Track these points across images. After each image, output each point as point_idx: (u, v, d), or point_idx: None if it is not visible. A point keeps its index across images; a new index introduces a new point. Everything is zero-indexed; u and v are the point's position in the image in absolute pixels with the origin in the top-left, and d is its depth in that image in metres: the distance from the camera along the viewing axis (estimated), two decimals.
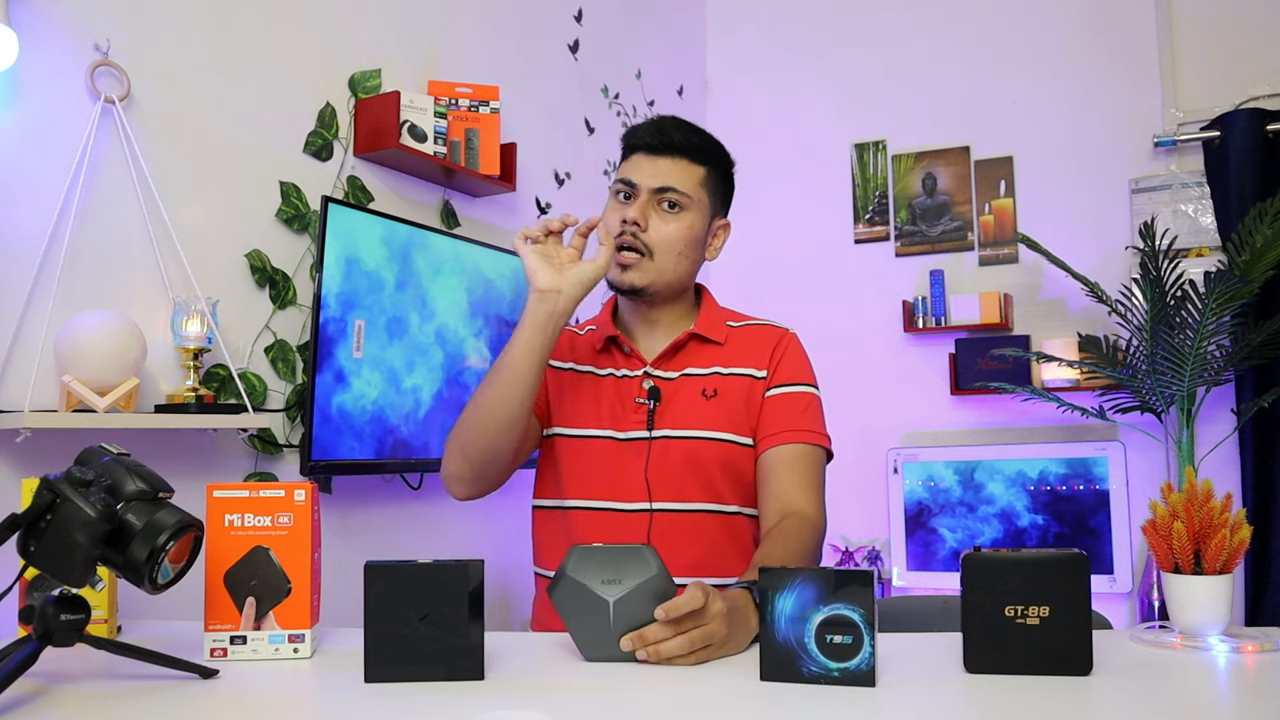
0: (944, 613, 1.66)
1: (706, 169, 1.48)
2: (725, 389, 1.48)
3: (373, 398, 2.17)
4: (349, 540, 2.24)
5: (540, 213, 2.96)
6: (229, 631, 1.15)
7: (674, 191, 1.44)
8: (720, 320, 1.54)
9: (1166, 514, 1.16)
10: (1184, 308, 2.84)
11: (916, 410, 3.56)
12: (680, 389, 1.48)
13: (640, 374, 1.50)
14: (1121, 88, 3.39)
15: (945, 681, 1.01)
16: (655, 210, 1.44)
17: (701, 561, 1.43)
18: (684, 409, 1.46)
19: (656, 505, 1.43)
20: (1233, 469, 3.11)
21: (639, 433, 1.46)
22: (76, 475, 1.00)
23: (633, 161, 1.48)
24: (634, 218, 1.42)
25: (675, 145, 1.46)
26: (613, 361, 1.53)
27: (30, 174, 1.67)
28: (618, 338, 1.52)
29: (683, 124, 1.49)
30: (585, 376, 1.54)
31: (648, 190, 1.44)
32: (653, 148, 1.46)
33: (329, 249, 2.03)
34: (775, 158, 3.81)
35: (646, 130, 1.48)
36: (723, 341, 1.51)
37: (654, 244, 1.44)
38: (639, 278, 1.45)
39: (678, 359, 1.50)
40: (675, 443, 1.45)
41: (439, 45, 2.58)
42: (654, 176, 1.45)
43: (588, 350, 1.56)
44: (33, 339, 1.64)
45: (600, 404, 1.50)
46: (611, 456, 1.46)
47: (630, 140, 1.50)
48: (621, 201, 1.47)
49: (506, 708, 0.95)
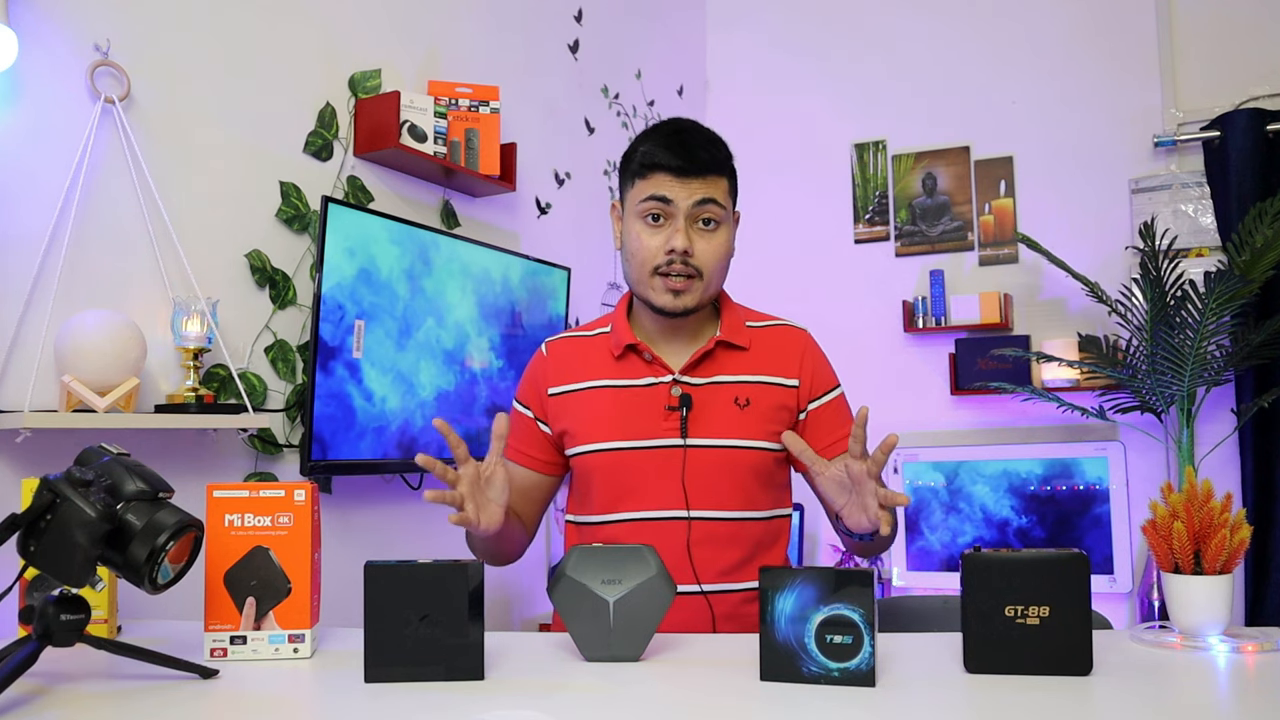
0: (944, 613, 1.67)
1: (727, 178, 1.46)
2: (757, 398, 1.47)
3: (373, 398, 2.17)
4: (349, 540, 2.24)
5: (540, 213, 2.97)
6: (229, 631, 1.15)
7: (713, 204, 1.42)
8: (740, 322, 1.52)
9: (1166, 514, 1.16)
10: (1184, 308, 2.85)
11: (916, 410, 3.56)
12: (712, 397, 1.46)
13: (669, 381, 1.47)
14: (1121, 88, 3.39)
15: (945, 681, 1.01)
16: (694, 230, 1.41)
17: (737, 567, 1.43)
18: (718, 417, 1.45)
19: (695, 513, 1.43)
20: (1233, 469, 3.11)
21: (673, 440, 1.44)
22: (76, 475, 1.00)
23: (657, 181, 1.41)
24: (683, 246, 1.40)
25: (703, 164, 1.41)
26: (634, 370, 1.49)
27: (30, 174, 1.67)
28: (638, 345, 1.49)
29: (701, 139, 1.44)
30: (603, 391, 1.50)
31: (685, 210, 1.40)
32: (681, 170, 1.40)
33: (329, 249, 2.03)
34: (775, 158, 3.81)
35: (670, 151, 1.41)
36: (747, 346, 1.50)
37: (703, 265, 1.42)
38: (692, 300, 1.43)
39: (705, 366, 1.48)
40: (711, 451, 1.44)
41: (439, 45, 2.58)
42: (689, 197, 1.40)
43: (602, 359, 1.52)
44: (33, 339, 1.64)
45: (626, 415, 1.47)
46: (644, 466, 1.45)
47: (651, 160, 1.42)
48: (652, 224, 1.42)
49: (506, 708, 0.95)
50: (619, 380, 1.50)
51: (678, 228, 1.40)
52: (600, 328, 1.58)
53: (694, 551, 1.40)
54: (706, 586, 1.40)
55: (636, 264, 1.44)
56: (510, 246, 2.71)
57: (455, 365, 2.41)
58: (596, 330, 1.58)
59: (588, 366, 1.53)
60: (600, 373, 1.51)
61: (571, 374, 1.53)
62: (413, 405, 2.29)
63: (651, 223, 1.42)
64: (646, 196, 1.42)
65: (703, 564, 1.40)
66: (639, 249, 1.43)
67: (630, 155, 1.46)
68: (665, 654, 1.16)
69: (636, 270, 1.45)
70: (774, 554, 1.49)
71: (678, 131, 1.44)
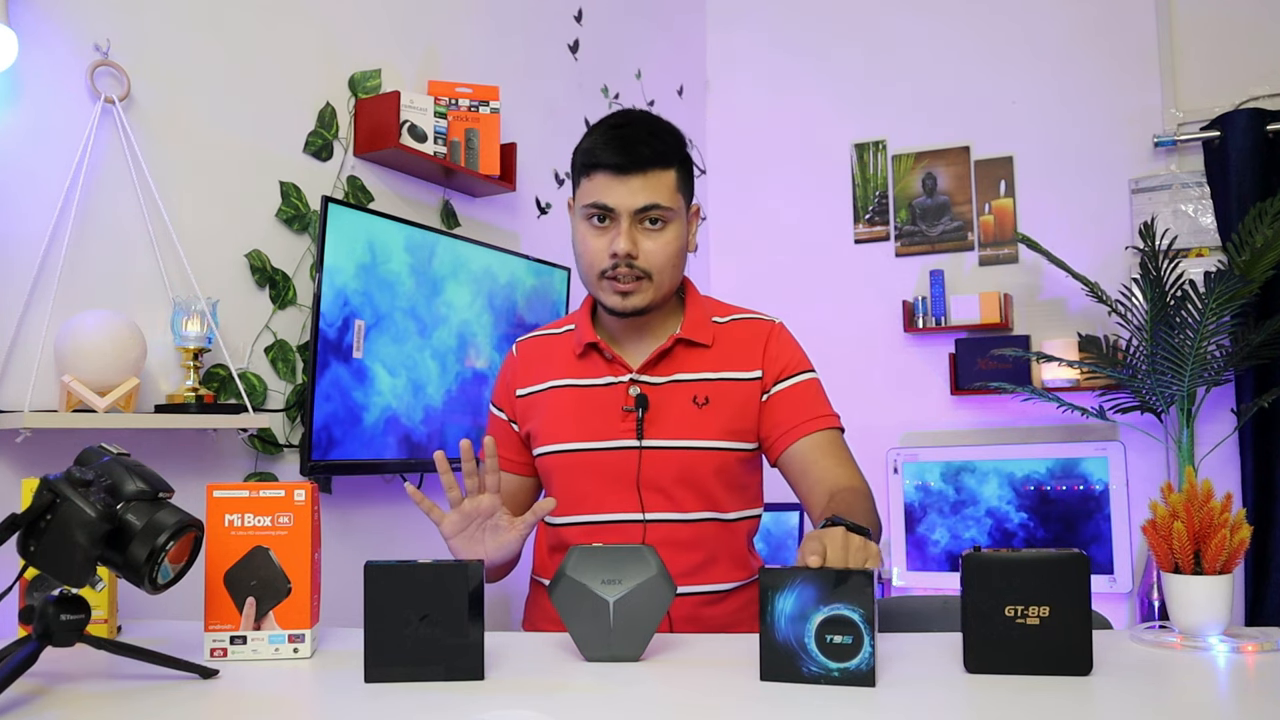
0: (944, 613, 1.66)
1: (675, 169, 1.40)
2: (716, 395, 1.44)
3: (373, 398, 2.17)
4: (349, 540, 2.24)
5: (540, 213, 2.96)
6: (229, 631, 1.15)
7: (656, 208, 1.37)
8: (706, 318, 1.49)
9: (1166, 514, 1.15)
10: (1184, 308, 2.84)
11: (916, 410, 3.56)
12: (669, 396, 1.44)
13: (626, 380, 1.45)
14: (1121, 88, 3.39)
15: (945, 681, 1.01)
16: (639, 230, 1.38)
17: (696, 569, 1.41)
18: (675, 418, 1.42)
19: (650, 516, 1.41)
20: (1233, 469, 3.11)
21: (628, 442, 1.42)
22: (76, 475, 1.00)
23: (598, 182, 1.38)
24: (625, 250, 1.36)
25: (644, 160, 1.36)
26: (594, 369, 1.47)
27: (30, 174, 1.67)
28: (598, 344, 1.47)
29: (644, 131, 1.39)
30: (565, 390, 1.49)
31: (628, 214, 1.37)
32: (621, 167, 1.36)
33: (329, 249, 2.03)
34: (775, 158, 3.81)
35: (608, 149, 1.37)
36: (710, 343, 1.46)
37: (650, 265, 1.39)
38: (641, 301, 1.41)
39: (664, 364, 1.45)
40: (667, 453, 1.41)
41: (439, 45, 2.58)
42: (630, 197, 1.36)
43: (565, 358, 1.51)
44: (33, 339, 1.64)
45: (584, 415, 1.45)
46: (600, 468, 1.43)
47: (592, 160, 1.38)
48: (597, 226, 1.39)
49: (506, 708, 0.95)
50: (579, 380, 1.48)
51: (621, 230, 1.37)
52: (568, 325, 1.56)
53: None
54: None
55: (584, 265, 1.43)
56: (510, 246, 2.71)
57: (456, 365, 2.41)
58: (564, 328, 1.56)
59: (552, 366, 1.52)
60: (563, 372, 1.50)
61: (537, 374, 1.52)
62: (413, 405, 2.29)
63: (596, 224, 1.40)
64: (589, 202, 1.39)
65: None
66: (585, 251, 1.41)
67: (577, 152, 1.43)
68: (665, 654, 1.16)
69: (585, 272, 1.44)
70: (739, 555, 1.46)
71: (619, 126, 1.40)
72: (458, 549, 1.34)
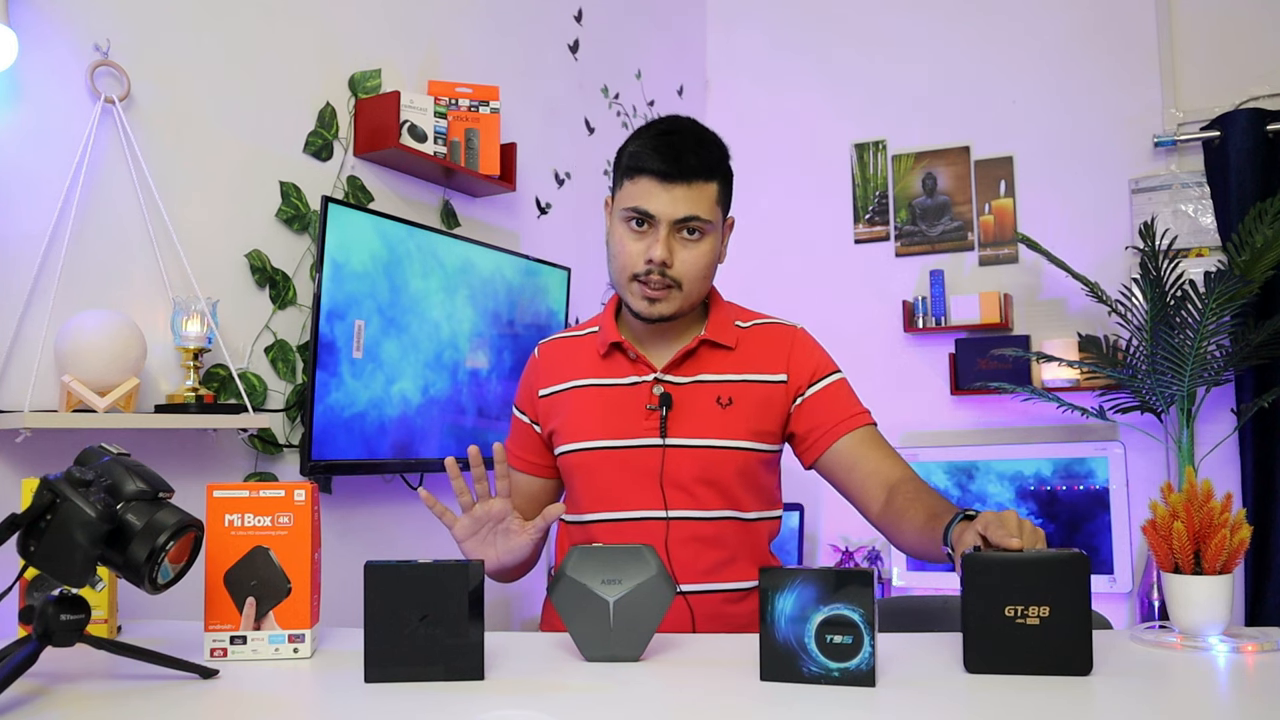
0: (944, 613, 1.67)
1: (717, 182, 1.41)
2: (740, 397, 1.45)
3: (373, 398, 2.17)
4: (349, 540, 2.24)
5: (540, 213, 2.97)
6: (229, 631, 1.15)
7: (696, 220, 1.38)
8: (729, 321, 1.51)
9: (1166, 514, 1.16)
10: (1184, 308, 2.85)
11: (916, 410, 3.56)
12: (693, 396, 1.45)
13: (650, 380, 1.46)
14: (1121, 88, 3.39)
15: (945, 681, 1.01)
16: (677, 239, 1.39)
17: (717, 567, 1.42)
18: (699, 417, 1.44)
19: (673, 513, 1.42)
20: (1233, 469, 3.11)
21: (652, 440, 1.43)
22: (76, 475, 1.00)
23: (642, 187, 1.38)
24: (661, 258, 1.37)
25: (689, 170, 1.37)
26: (618, 369, 1.49)
27: (30, 174, 1.67)
28: (622, 344, 1.48)
29: (691, 140, 1.40)
30: (588, 389, 1.50)
31: (667, 222, 1.38)
32: (666, 175, 1.37)
33: (329, 249, 2.03)
34: (775, 158, 3.81)
35: (655, 155, 1.37)
36: (734, 345, 1.48)
37: (682, 275, 1.40)
38: (668, 309, 1.42)
39: (689, 365, 1.47)
40: (690, 451, 1.43)
41: (439, 45, 2.58)
42: (672, 207, 1.37)
43: (589, 358, 1.52)
44: (33, 339, 1.64)
45: (608, 414, 1.47)
46: (624, 465, 1.44)
47: (637, 164, 1.39)
48: (635, 230, 1.40)
49: (506, 708, 0.95)
50: (604, 379, 1.50)
51: (658, 238, 1.38)
52: (591, 327, 1.58)
53: (673, 552, 1.40)
54: (686, 587, 1.39)
55: (617, 267, 1.45)
56: (510, 246, 2.71)
57: (455, 365, 2.41)
58: (587, 330, 1.58)
59: (575, 366, 1.53)
60: (587, 371, 1.51)
61: (560, 374, 1.54)
62: (413, 405, 2.29)
63: (635, 228, 1.41)
64: (630, 205, 1.40)
65: (682, 564, 1.40)
66: (620, 253, 1.42)
67: (622, 153, 1.45)
68: (665, 654, 1.16)
69: (617, 273, 1.45)
70: (760, 555, 1.47)
71: (668, 133, 1.41)
72: (470, 552, 1.37)
